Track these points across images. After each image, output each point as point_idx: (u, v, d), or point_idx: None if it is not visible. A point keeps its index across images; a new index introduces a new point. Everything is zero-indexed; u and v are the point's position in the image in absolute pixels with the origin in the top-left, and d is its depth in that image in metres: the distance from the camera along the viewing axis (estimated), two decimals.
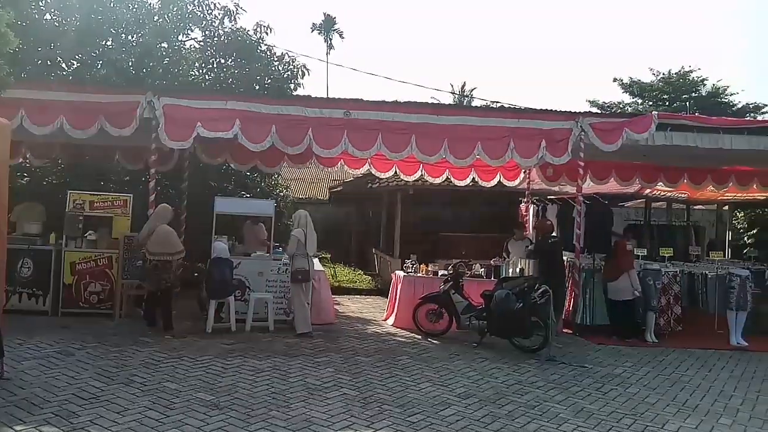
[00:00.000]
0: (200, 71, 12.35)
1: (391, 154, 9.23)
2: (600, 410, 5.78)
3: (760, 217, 18.17)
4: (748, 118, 20.55)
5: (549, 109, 9.74)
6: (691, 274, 10.04)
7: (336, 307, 11.05)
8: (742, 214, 18.79)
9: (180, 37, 12.24)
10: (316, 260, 9.76)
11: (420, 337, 8.87)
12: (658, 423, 5.51)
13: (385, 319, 10.13)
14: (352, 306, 11.85)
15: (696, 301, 9.90)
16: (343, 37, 56.99)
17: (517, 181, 12.38)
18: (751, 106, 26.20)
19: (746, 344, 9.22)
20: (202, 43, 12.58)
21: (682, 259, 11.21)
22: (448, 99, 35.30)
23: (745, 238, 17.92)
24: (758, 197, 14.25)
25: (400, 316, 9.65)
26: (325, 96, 11.01)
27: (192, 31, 12.38)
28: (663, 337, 9.40)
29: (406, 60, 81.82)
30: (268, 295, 8.83)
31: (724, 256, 14.00)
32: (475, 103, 33.09)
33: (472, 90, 41.06)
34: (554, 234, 10.62)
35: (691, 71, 26.64)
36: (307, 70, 12.43)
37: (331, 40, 55.88)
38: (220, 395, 5.59)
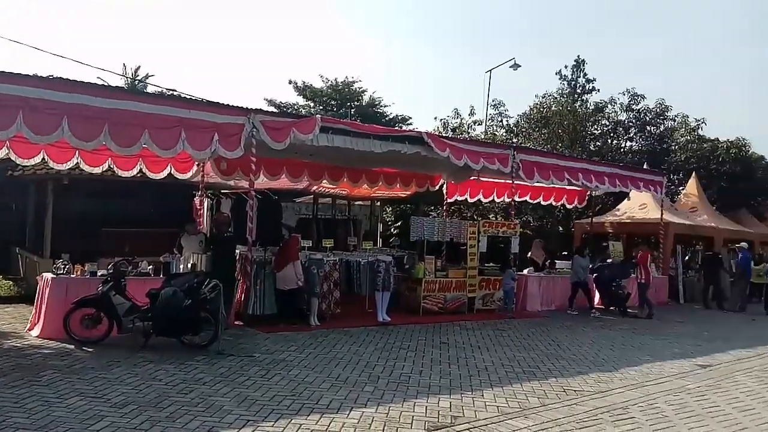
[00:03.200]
0: None
1: (36, 137, 7.90)
2: (263, 396, 6.02)
3: (403, 211, 21.67)
4: (396, 128, 24.14)
5: (222, 102, 9.70)
6: (348, 261, 11.30)
7: None
8: (390, 209, 22.12)
9: None
10: None
11: (73, 346, 7.84)
12: (314, 399, 6.01)
13: (29, 330, 8.66)
14: None
15: (352, 285, 11.17)
16: None
17: (190, 174, 12.03)
18: (399, 117, 30.96)
19: (389, 319, 10.79)
20: None
21: (342, 248, 12.56)
22: (118, 82, 32.05)
23: (392, 229, 21.17)
24: (401, 195, 16.95)
25: (47, 325, 8.34)
26: None
27: None
28: (325, 320, 10.35)
29: (68, 35, 71.43)
30: None
31: (376, 245, 16.22)
32: (150, 90, 30.84)
33: (148, 76, 38.12)
34: (230, 229, 10.67)
35: (354, 82, 30.07)
36: None
37: None
38: None
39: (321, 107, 29.19)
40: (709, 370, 8.29)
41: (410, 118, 30.92)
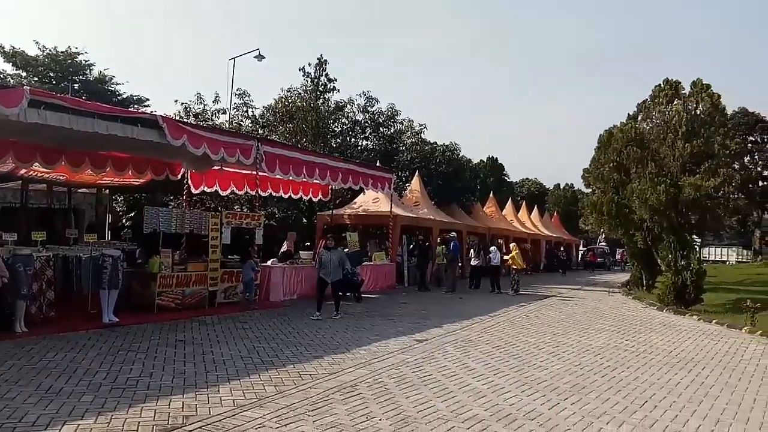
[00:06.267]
0: None
1: None
2: None
3: (138, 201, 19.91)
4: (128, 108, 22.04)
5: None
6: (66, 257, 9.91)
7: None
8: (122, 198, 20.12)
9: None
10: None
11: None
12: (16, 417, 5.11)
13: None
14: None
15: (71, 284, 9.83)
16: None
17: None
18: (135, 97, 28.33)
19: (117, 320, 9.79)
20: None
21: (60, 242, 10.97)
22: None
23: (124, 221, 19.29)
24: (134, 183, 15.53)
25: None
26: None
27: None
28: (35, 326, 8.91)
29: None
30: None
31: (103, 238, 14.59)
32: None
33: None
34: None
35: (79, 53, 26.52)
36: None
37: None
38: None
39: (36, 79, 25.10)
40: (425, 343, 9.45)
41: (147, 99, 28.64)
